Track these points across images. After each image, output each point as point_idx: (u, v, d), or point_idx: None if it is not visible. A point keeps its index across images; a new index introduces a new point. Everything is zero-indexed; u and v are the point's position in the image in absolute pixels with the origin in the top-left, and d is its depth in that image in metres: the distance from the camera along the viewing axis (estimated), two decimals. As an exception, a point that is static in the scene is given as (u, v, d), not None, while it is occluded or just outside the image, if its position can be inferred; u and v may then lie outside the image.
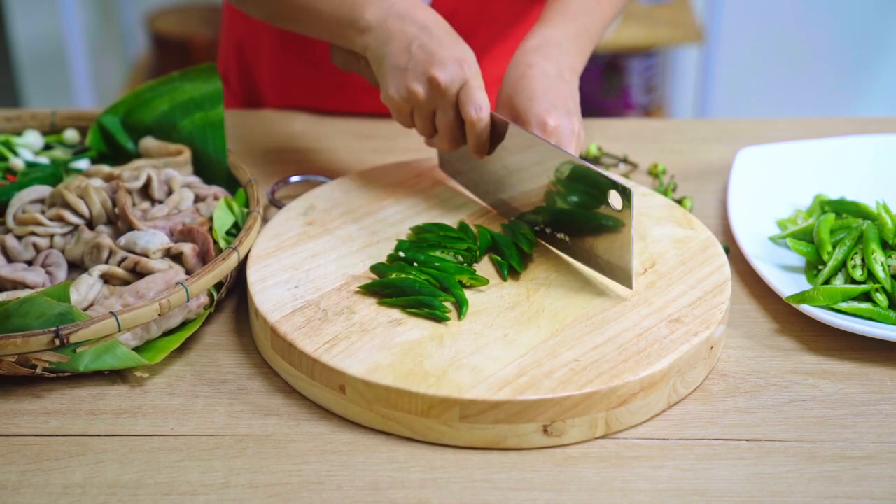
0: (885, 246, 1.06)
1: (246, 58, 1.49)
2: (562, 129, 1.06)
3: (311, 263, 1.05)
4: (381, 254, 1.07)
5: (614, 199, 1.00)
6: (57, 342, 0.92)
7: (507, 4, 1.39)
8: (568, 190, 1.04)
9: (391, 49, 1.08)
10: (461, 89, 1.07)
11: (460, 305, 0.99)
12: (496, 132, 1.09)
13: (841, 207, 1.16)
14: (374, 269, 1.05)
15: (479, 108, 1.07)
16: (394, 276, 1.02)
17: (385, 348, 0.94)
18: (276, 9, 1.19)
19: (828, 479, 0.88)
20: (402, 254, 1.06)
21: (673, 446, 0.91)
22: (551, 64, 1.11)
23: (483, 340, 0.95)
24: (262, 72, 1.48)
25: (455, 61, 1.07)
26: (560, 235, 1.08)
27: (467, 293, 1.01)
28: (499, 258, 1.05)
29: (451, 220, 1.13)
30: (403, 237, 1.10)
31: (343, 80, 1.42)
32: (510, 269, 1.05)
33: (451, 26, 1.12)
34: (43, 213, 1.10)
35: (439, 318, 0.98)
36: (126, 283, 1.02)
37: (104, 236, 1.05)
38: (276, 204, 1.20)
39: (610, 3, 1.22)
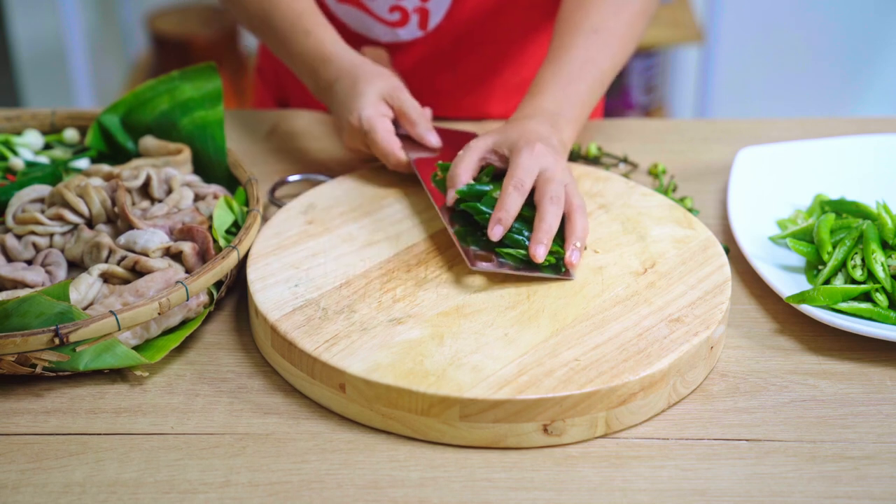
0: (885, 246, 1.06)
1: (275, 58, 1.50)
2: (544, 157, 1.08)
3: (311, 262, 1.05)
4: (382, 252, 1.07)
5: None
6: (56, 341, 0.92)
7: (522, 11, 1.39)
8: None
9: (334, 111, 1.22)
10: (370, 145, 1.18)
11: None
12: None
13: (841, 207, 1.16)
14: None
15: (386, 158, 1.17)
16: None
17: (385, 347, 0.94)
18: (257, 33, 1.32)
19: (828, 479, 0.88)
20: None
21: (673, 446, 0.91)
22: (544, 127, 1.11)
23: (483, 339, 0.95)
24: (287, 71, 1.48)
25: (349, 127, 1.18)
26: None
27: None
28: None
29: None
30: (403, 236, 1.10)
31: None
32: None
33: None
34: (42, 212, 1.10)
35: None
36: (126, 282, 1.02)
37: (104, 235, 1.05)
38: (276, 203, 1.20)
39: (606, 52, 1.18)
